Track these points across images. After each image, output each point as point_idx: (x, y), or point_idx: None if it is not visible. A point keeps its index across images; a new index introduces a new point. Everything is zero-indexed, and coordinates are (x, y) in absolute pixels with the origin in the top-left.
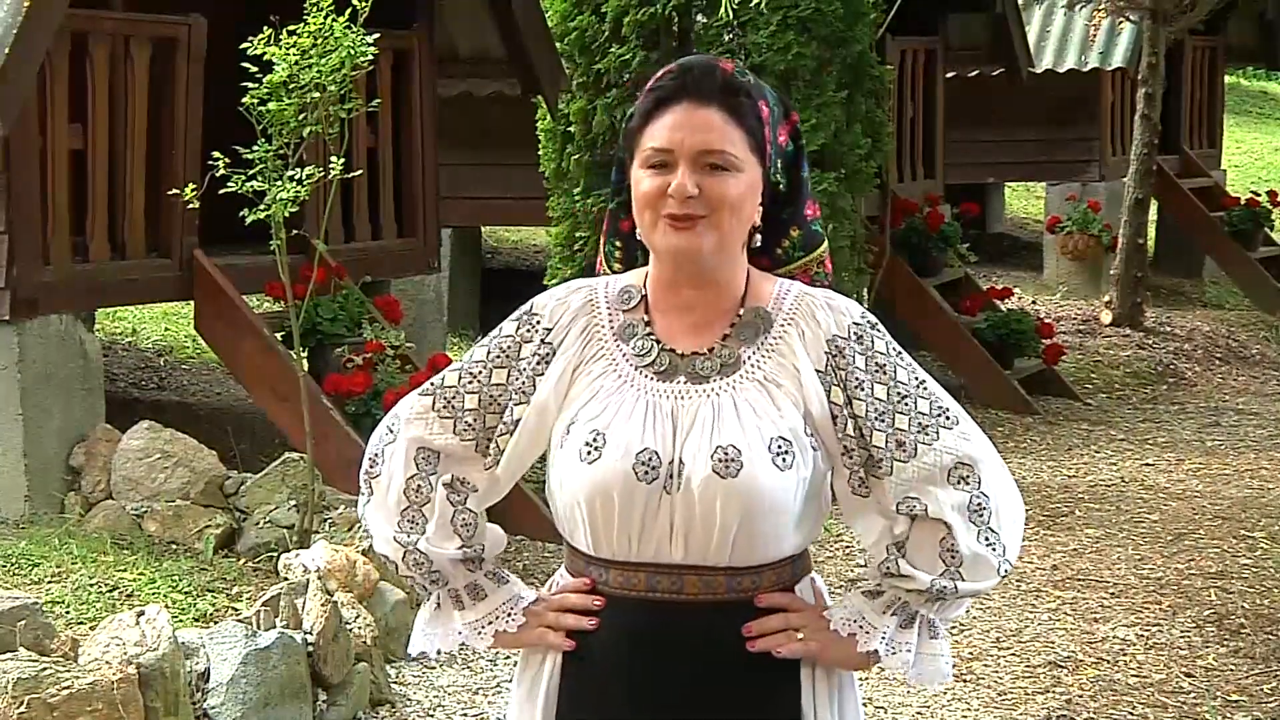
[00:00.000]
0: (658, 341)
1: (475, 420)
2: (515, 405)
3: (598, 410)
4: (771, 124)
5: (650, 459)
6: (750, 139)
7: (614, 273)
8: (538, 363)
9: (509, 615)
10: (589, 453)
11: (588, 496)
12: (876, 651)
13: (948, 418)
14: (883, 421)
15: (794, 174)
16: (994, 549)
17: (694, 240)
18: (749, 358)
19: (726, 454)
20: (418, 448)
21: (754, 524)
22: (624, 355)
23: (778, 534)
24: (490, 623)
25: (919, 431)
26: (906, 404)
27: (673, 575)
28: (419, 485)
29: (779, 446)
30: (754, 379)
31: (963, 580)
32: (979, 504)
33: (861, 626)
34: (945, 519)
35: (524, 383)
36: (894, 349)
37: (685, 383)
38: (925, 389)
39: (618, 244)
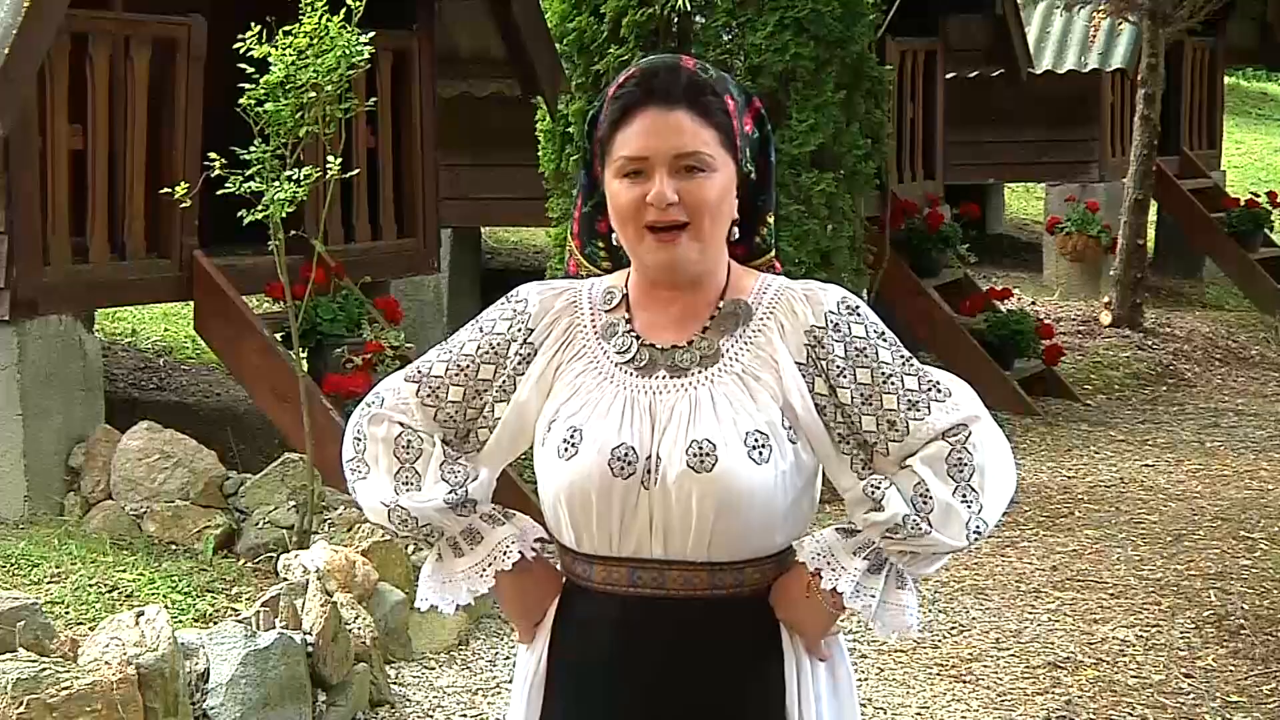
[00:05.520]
0: (637, 338)
1: (457, 413)
2: (497, 403)
3: (576, 407)
4: (738, 114)
5: (626, 454)
6: (721, 135)
7: (604, 272)
8: (519, 362)
9: (505, 554)
10: (566, 449)
11: (567, 493)
12: (841, 595)
13: (939, 390)
14: (870, 405)
15: (761, 160)
16: (969, 506)
17: (678, 253)
18: (728, 349)
19: (701, 448)
20: (400, 423)
21: (731, 518)
22: (605, 354)
23: (759, 528)
24: (489, 565)
25: (909, 409)
26: (893, 383)
27: (654, 571)
28: (408, 442)
29: (755, 440)
30: (732, 372)
31: (930, 527)
32: (959, 459)
33: (829, 563)
34: (921, 470)
35: (505, 380)
36: (875, 330)
37: (665, 377)
38: (912, 365)
39: (600, 245)
